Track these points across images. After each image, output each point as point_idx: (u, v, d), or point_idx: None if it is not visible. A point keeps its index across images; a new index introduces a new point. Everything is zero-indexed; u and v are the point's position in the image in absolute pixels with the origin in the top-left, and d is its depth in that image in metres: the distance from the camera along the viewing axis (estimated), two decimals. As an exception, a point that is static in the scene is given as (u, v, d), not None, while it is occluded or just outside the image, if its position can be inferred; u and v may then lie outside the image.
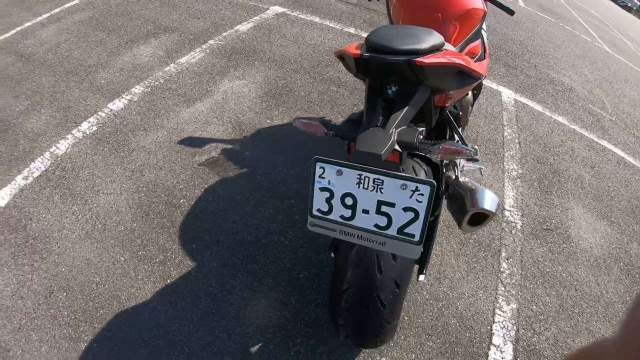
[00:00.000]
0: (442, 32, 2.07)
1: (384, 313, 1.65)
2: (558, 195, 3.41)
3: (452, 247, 2.74)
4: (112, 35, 4.77)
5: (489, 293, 2.52)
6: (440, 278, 2.55)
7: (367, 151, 1.39)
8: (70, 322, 2.18)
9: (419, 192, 1.34)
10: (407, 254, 1.46)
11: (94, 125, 3.41)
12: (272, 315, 2.24)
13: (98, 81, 3.96)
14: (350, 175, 1.40)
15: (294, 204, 2.84)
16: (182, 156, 3.14)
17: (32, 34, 4.89)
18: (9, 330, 2.14)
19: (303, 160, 3.17)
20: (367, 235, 1.47)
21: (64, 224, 2.67)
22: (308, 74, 4.21)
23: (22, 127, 3.42)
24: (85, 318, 2.19)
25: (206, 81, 4.00)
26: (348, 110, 3.74)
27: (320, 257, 2.54)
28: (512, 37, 6.68)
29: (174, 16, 5.23)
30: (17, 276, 2.39)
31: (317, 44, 4.80)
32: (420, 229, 1.39)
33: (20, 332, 2.14)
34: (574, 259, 2.88)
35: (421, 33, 1.66)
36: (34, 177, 2.98)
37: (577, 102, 5.15)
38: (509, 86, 4.96)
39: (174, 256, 2.49)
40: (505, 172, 3.47)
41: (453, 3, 2.18)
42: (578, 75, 6.10)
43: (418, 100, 1.61)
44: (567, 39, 7.98)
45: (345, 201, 1.44)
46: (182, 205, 2.78)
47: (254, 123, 3.50)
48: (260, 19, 5.28)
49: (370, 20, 5.67)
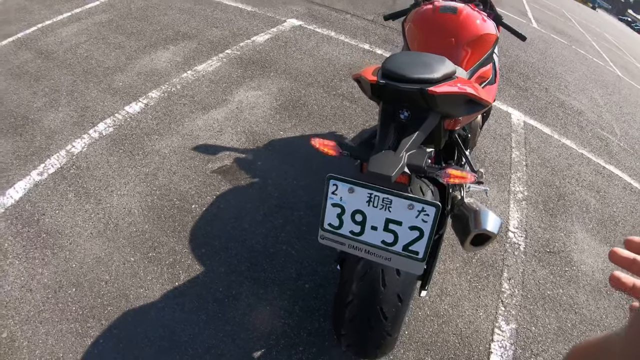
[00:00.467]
0: (455, 56, 2.14)
1: (385, 325, 1.70)
2: (563, 218, 3.44)
3: (455, 266, 2.77)
4: (132, 38, 4.84)
5: (489, 312, 2.55)
6: (442, 295, 2.58)
7: (379, 172, 1.46)
8: (77, 318, 2.22)
9: (425, 212, 1.41)
10: (410, 269, 1.52)
11: (110, 127, 3.47)
12: (276, 323, 2.28)
13: (116, 83, 4.03)
14: (361, 194, 1.47)
15: (302, 215, 2.88)
16: (195, 162, 3.19)
17: (52, 32, 4.96)
18: (17, 321, 2.18)
19: (313, 172, 3.22)
20: (374, 251, 1.53)
21: (77, 221, 2.72)
22: (322, 88, 4.27)
23: (39, 123, 3.48)
24: (93, 314, 2.24)
25: (222, 90, 4.06)
26: (360, 125, 3.79)
27: (326, 269, 2.58)
28: (524, 59, 6.72)
29: (192, 24, 5.31)
30: (28, 269, 2.43)
31: (332, 59, 4.87)
32: (424, 247, 1.45)
33: (28, 323, 2.18)
34: (575, 283, 2.90)
35: (434, 62, 1.74)
36: (49, 173, 3.03)
37: (587, 126, 5.17)
38: (519, 108, 4.99)
39: (183, 259, 2.53)
40: (511, 194, 3.50)
41: (467, 28, 2.24)
42: (588, 99, 6.12)
43: (428, 125, 1.69)
44: (579, 61, 8.00)
45: (355, 217, 1.51)
46: (194, 211, 2.83)
47: (267, 134, 3.55)
48: (278, 30, 5.35)
49: (385, 37, 5.75)
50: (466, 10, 2.29)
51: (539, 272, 2.90)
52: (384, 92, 1.68)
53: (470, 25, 2.25)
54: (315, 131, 3.65)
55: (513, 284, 2.75)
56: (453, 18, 2.26)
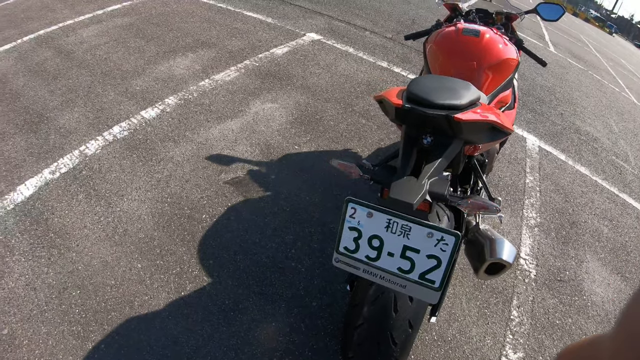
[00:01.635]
0: (476, 80, 2.13)
1: (394, 351, 1.67)
2: (574, 246, 3.39)
3: (465, 291, 2.73)
4: (151, 43, 4.86)
5: (497, 340, 2.50)
6: (450, 320, 2.53)
7: (400, 199, 1.44)
8: (80, 320, 2.19)
9: (444, 241, 1.39)
10: (425, 298, 1.49)
11: (125, 130, 3.47)
12: (282, 340, 2.24)
13: (133, 87, 4.03)
14: (380, 219, 1.44)
15: (313, 232, 2.85)
16: (208, 172, 3.17)
17: (73, 31, 5.00)
18: (18, 319, 2.16)
19: (327, 190, 3.19)
20: (389, 277, 1.51)
21: (86, 223, 2.70)
22: (339, 104, 4.26)
23: (55, 122, 3.48)
24: (95, 318, 2.20)
25: (239, 100, 4.05)
26: (375, 144, 3.77)
27: (335, 288, 2.54)
28: (540, 83, 6.71)
29: (212, 32, 5.33)
30: (33, 267, 2.42)
31: (350, 75, 4.86)
32: (441, 277, 1.43)
33: (29, 322, 2.16)
34: (584, 312, 2.85)
35: (460, 87, 1.73)
36: (61, 172, 3.02)
37: (601, 153, 5.13)
38: (534, 133, 4.96)
39: (191, 269, 2.50)
40: (523, 220, 3.46)
41: (489, 52, 2.23)
42: (603, 126, 6.09)
43: (451, 152, 1.68)
44: (595, 87, 7.98)
45: (372, 243, 1.48)
46: (204, 221, 2.80)
47: (282, 147, 3.53)
48: (297, 44, 5.37)
49: (402, 55, 5.73)
50: (489, 33, 2.29)
51: (549, 301, 2.85)
52: (408, 117, 1.66)
53: (492, 48, 2.25)
54: (331, 147, 3.63)
55: (522, 312, 2.71)
56: (476, 41, 2.26)
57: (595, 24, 34.00)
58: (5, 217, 2.70)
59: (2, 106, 3.69)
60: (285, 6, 6.63)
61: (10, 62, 4.41)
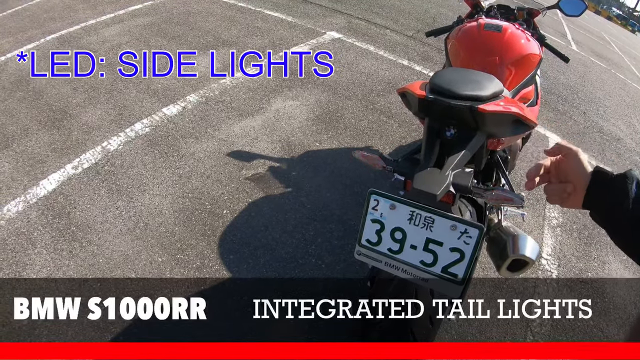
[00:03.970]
0: (498, 75, 2.09)
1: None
2: (597, 247, 3.32)
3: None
4: (172, 42, 4.89)
5: (517, 340, 2.47)
6: (470, 319, 2.50)
7: (424, 190, 1.41)
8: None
9: (468, 234, 1.36)
10: (448, 292, 1.46)
11: (147, 127, 3.49)
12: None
13: (155, 85, 4.06)
14: (402, 211, 1.42)
15: (334, 228, 2.83)
16: (229, 168, 3.17)
17: (95, 31, 5.05)
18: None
19: (347, 186, 3.17)
20: (411, 270, 1.48)
21: (107, 217, 2.72)
22: (360, 102, 4.24)
23: (78, 118, 3.52)
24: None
25: (260, 98, 4.05)
26: (396, 141, 3.75)
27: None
28: (563, 82, 6.61)
29: (233, 31, 5.34)
30: (55, 260, 2.45)
31: (371, 73, 4.83)
32: (464, 270, 1.40)
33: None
34: (605, 315, 2.79)
35: (483, 79, 1.70)
36: (83, 168, 3.05)
37: (624, 154, 5.01)
38: (556, 132, 4.87)
39: (211, 264, 2.50)
40: (545, 220, 3.41)
41: (511, 47, 2.20)
42: (627, 126, 5.97)
43: (474, 144, 1.65)
44: (618, 86, 7.83)
45: (395, 235, 1.46)
46: (225, 216, 2.80)
47: (303, 144, 3.53)
48: (317, 42, 5.35)
49: (423, 53, 5.70)
50: (511, 29, 2.26)
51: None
52: (431, 108, 1.64)
53: (515, 44, 2.22)
54: (352, 145, 3.61)
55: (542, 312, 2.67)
56: (498, 36, 2.22)
57: (617, 22, 33.56)
58: (28, 210, 2.73)
59: (26, 103, 3.74)
60: (305, 5, 6.63)
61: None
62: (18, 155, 3.17)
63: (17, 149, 3.22)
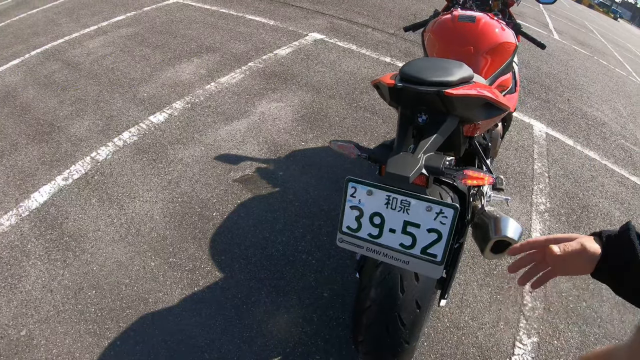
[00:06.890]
0: (474, 65, 2.14)
1: (403, 333, 1.67)
2: (586, 230, 3.37)
3: (476, 277, 2.74)
4: (156, 51, 4.93)
5: (510, 325, 2.51)
6: (463, 307, 2.55)
7: (396, 173, 1.46)
8: (96, 319, 2.25)
9: (443, 214, 1.40)
10: (429, 273, 1.50)
11: (135, 135, 3.53)
12: (294, 331, 2.27)
13: (141, 94, 4.10)
14: (379, 196, 1.47)
15: (322, 224, 2.88)
16: (217, 171, 3.22)
17: (79, 44, 5.08)
18: (36, 320, 2.23)
19: (334, 183, 3.22)
20: (392, 254, 1.52)
21: (99, 225, 2.75)
22: (343, 100, 4.29)
23: (66, 130, 3.55)
24: (111, 316, 2.26)
25: (244, 101, 4.10)
26: (381, 137, 3.79)
27: (345, 278, 2.57)
28: (545, 71, 6.65)
29: (216, 37, 5.39)
30: (49, 270, 2.48)
31: (353, 72, 4.89)
32: (442, 250, 1.44)
33: (47, 323, 2.22)
34: (599, 296, 2.84)
35: (451, 66, 1.74)
36: (73, 178, 3.09)
37: (610, 137, 5.07)
38: (541, 120, 4.93)
39: (203, 266, 2.55)
40: (533, 206, 3.46)
41: (486, 37, 2.25)
42: (611, 110, 6.02)
43: (446, 129, 1.69)
44: (602, 72, 7.89)
45: (374, 220, 1.51)
46: (215, 218, 2.85)
47: (289, 144, 3.57)
48: (300, 44, 5.41)
49: (405, 50, 5.76)
50: (485, 19, 2.30)
51: (562, 285, 2.85)
52: (402, 96, 1.69)
53: (489, 33, 2.26)
54: (336, 142, 3.63)
55: (535, 297, 2.71)
56: (472, 27, 2.27)
57: (599, 10, 33.72)
58: (20, 223, 2.77)
59: (14, 118, 3.77)
60: (286, 8, 6.68)
61: (19, 77, 4.50)
62: (8, 170, 3.20)
63: (7, 164, 3.25)
